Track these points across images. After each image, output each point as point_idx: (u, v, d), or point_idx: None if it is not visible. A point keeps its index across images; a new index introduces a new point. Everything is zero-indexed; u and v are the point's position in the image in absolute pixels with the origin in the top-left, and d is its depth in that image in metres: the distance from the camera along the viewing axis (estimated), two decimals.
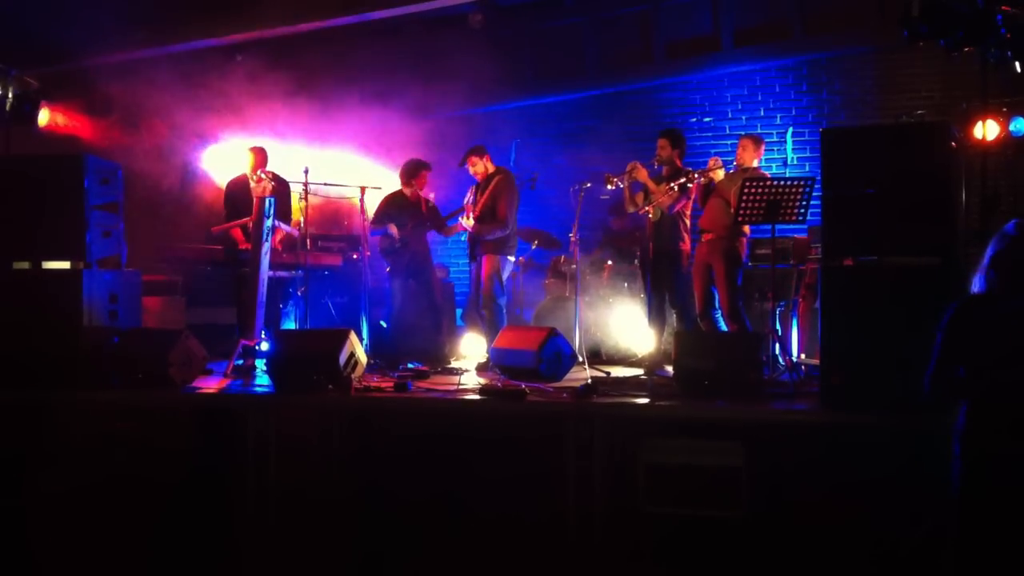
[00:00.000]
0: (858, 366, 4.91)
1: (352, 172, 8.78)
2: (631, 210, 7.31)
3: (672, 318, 7.42)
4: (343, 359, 5.75)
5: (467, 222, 7.53)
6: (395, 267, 7.90)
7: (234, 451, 5.38)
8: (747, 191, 6.31)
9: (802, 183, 6.26)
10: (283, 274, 7.42)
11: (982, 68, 5.34)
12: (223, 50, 9.17)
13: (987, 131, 6.96)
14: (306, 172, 7.13)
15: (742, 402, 5.25)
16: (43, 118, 8.29)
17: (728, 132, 9.16)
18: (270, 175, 6.98)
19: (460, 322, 8.74)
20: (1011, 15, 5.38)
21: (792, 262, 7.39)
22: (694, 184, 7.02)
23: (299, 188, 7.20)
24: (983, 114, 6.89)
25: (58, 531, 5.37)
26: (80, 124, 8.92)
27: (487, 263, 7.42)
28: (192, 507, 5.35)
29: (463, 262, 8.57)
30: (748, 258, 7.16)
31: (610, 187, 7.16)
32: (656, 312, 7.11)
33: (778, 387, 5.86)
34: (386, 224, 7.82)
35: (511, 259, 7.62)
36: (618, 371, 6.92)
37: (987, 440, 3.41)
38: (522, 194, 7.68)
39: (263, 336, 6.75)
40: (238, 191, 7.53)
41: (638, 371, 6.79)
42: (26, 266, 6.13)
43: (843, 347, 4.99)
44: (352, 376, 5.77)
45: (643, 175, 7.12)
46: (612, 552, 4.90)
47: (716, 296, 7.01)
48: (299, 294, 7.49)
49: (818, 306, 5.65)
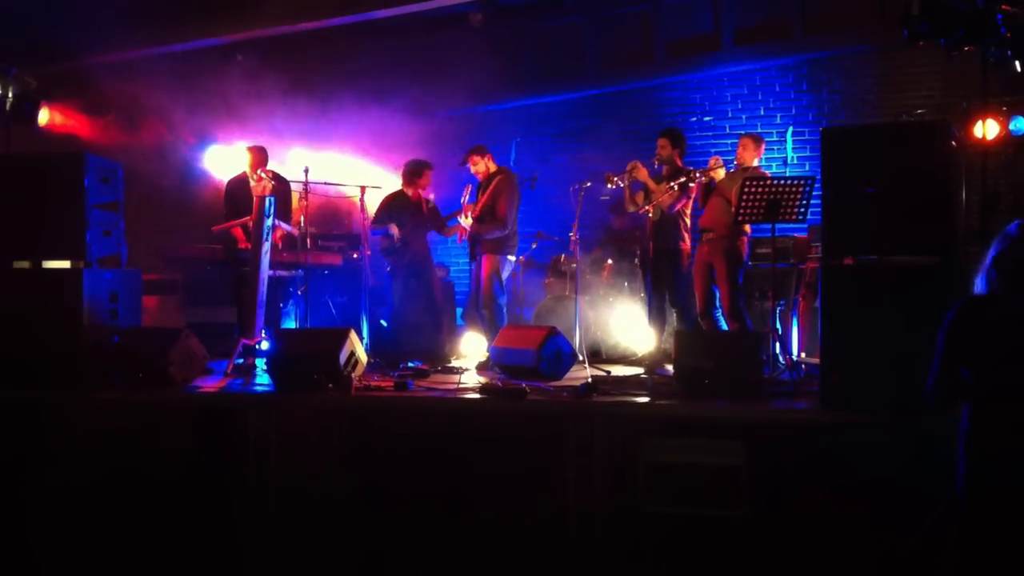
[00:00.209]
0: (858, 365, 4.90)
1: (352, 171, 8.79)
2: (631, 209, 7.31)
3: (672, 317, 7.43)
4: (343, 358, 5.75)
5: (465, 221, 7.52)
6: (396, 266, 7.90)
7: (234, 449, 5.38)
8: (747, 190, 6.31)
9: (802, 182, 6.26)
10: (283, 273, 7.42)
11: (982, 67, 5.34)
12: (223, 49, 9.18)
13: (987, 130, 6.96)
14: (306, 171, 7.13)
15: (742, 401, 5.24)
16: (43, 117, 8.30)
17: (728, 131, 9.16)
18: (270, 174, 6.97)
19: (460, 321, 8.74)
20: (1011, 14, 5.38)
21: (792, 261, 7.41)
22: (695, 184, 7.03)
23: (299, 187, 7.20)
24: (983, 113, 6.89)
25: (59, 529, 5.37)
26: (80, 123, 8.93)
27: (487, 262, 7.42)
28: (192, 505, 5.35)
29: (463, 261, 8.56)
30: (749, 257, 7.17)
31: (610, 186, 7.16)
32: (656, 311, 7.12)
33: (778, 386, 5.86)
34: (387, 224, 7.82)
35: (511, 259, 7.61)
36: (618, 370, 6.92)
37: (988, 440, 3.40)
38: (523, 193, 7.67)
39: (263, 335, 6.76)
40: (238, 190, 7.53)
41: (638, 370, 6.79)
42: (26, 265, 6.14)
43: (843, 346, 4.98)
44: (352, 375, 5.77)
45: (643, 174, 7.12)
46: (612, 551, 4.90)
47: (717, 295, 7.02)
48: (299, 293, 7.49)
49: (818, 305, 5.65)
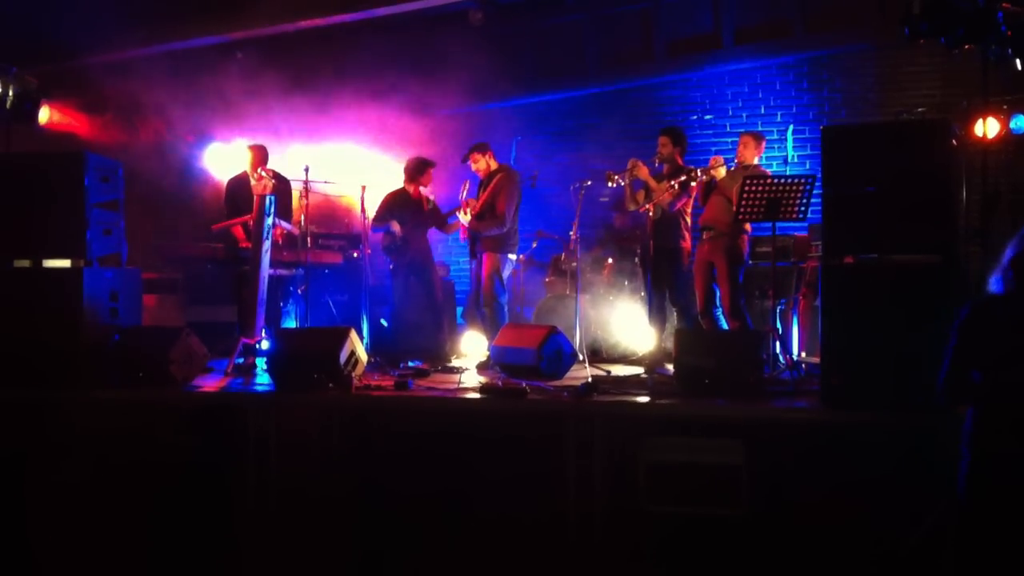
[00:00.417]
0: (858, 364, 4.90)
1: (352, 170, 8.78)
2: (632, 208, 7.31)
3: (673, 316, 7.43)
4: (344, 357, 5.75)
5: (464, 217, 7.52)
6: (397, 265, 7.90)
7: (235, 448, 5.38)
8: (748, 189, 6.31)
9: (802, 181, 6.26)
10: (284, 272, 7.41)
11: (983, 66, 5.32)
12: (223, 48, 9.17)
13: (988, 129, 6.94)
14: (306, 170, 7.12)
15: (742, 400, 5.24)
16: (43, 116, 8.28)
17: (728, 130, 9.15)
18: (271, 173, 6.97)
19: (460, 320, 8.74)
20: (1011, 13, 5.36)
21: (793, 260, 7.41)
22: (696, 183, 7.02)
23: (299, 186, 7.20)
24: (984, 112, 6.87)
25: (59, 527, 5.38)
26: (80, 122, 8.92)
27: (488, 261, 7.41)
28: (193, 503, 5.36)
29: (463, 260, 8.56)
30: (749, 256, 7.17)
31: (611, 185, 7.16)
32: (656, 310, 7.11)
33: (778, 385, 5.86)
34: (388, 221, 7.82)
35: (512, 257, 7.60)
36: (618, 369, 6.92)
37: (990, 440, 3.40)
38: (523, 192, 7.66)
39: (264, 334, 6.75)
40: (239, 189, 7.52)
41: (638, 369, 6.78)
42: (27, 264, 6.13)
43: (843, 345, 4.98)
44: (352, 374, 5.77)
45: (644, 173, 7.12)
46: (612, 551, 4.90)
47: (717, 294, 7.02)
48: (299, 292, 7.48)
49: (818, 304, 5.65)
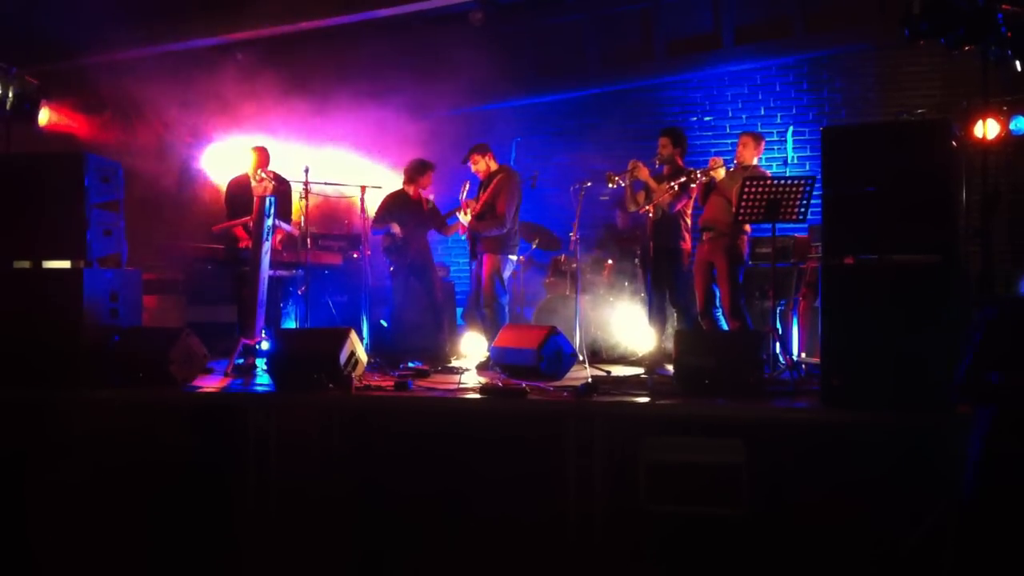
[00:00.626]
0: (858, 364, 4.90)
1: (352, 171, 8.77)
2: (632, 209, 7.31)
3: (673, 317, 7.43)
4: (344, 358, 5.75)
5: (464, 218, 7.52)
6: (398, 266, 7.90)
7: (235, 448, 5.38)
8: (747, 190, 6.31)
9: (802, 182, 6.26)
10: (283, 273, 7.41)
11: (983, 66, 5.32)
12: (223, 49, 9.16)
13: (987, 130, 6.93)
14: (306, 171, 7.12)
15: (742, 400, 5.24)
16: (43, 117, 8.27)
17: (728, 131, 9.15)
18: (271, 175, 6.96)
19: (461, 321, 8.74)
20: (1011, 13, 5.36)
21: (793, 261, 7.40)
22: (695, 184, 7.03)
23: (299, 187, 7.20)
24: (984, 113, 6.87)
25: (60, 526, 5.37)
26: (80, 122, 8.92)
27: (488, 262, 7.40)
28: (193, 503, 5.35)
29: (463, 261, 8.56)
30: (749, 256, 7.17)
31: (611, 186, 7.17)
32: (656, 311, 7.11)
33: (778, 386, 5.86)
34: (388, 223, 7.81)
35: (512, 258, 7.60)
36: (618, 370, 6.91)
37: (1008, 442, 3.37)
38: (523, 193, 7.66)
39: (264, 335, 6.75)
40: (239, 190, 7.52)
41: (638, 370, 6.78)
42: (27, 265, 6.13)
43: (843, 345, 4.98)
44: (353, 375, 5.76)
45: (644, 174, 7.13)
46: (613, 550, 4.90)
47: (718, 294, 7.02)
48: (299, 293, 7.48)
49: (818, 305, 5.65)
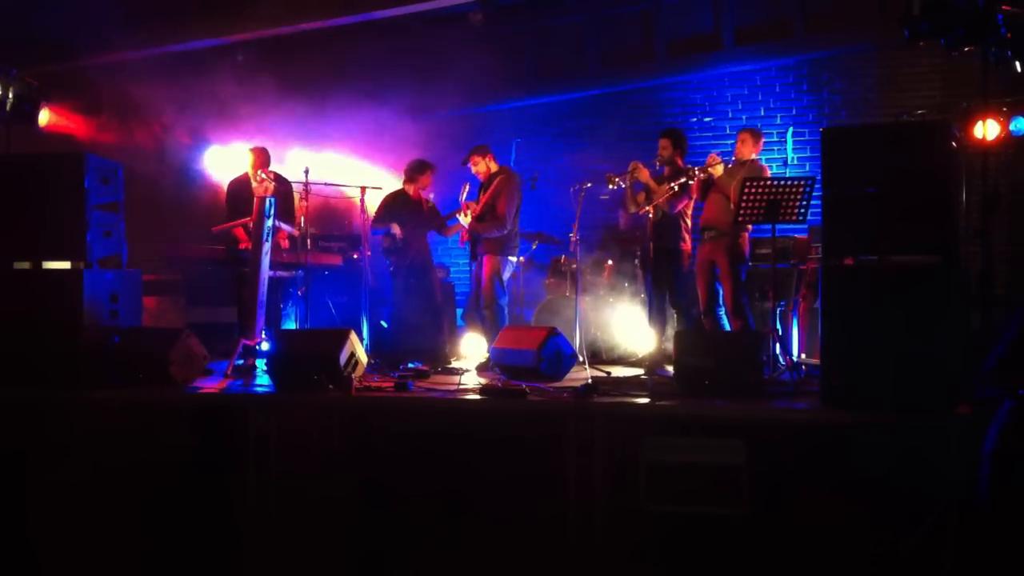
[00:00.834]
0: (858, 365, 4.90)
1: (352, 172, 8.78)
2: (632, 210, 7.31)
3: (673, 318, 7.43)
4: (344, 359, 5.75)
5: (464, 220, 7.52)
6: (397, 266, 7.90)
7: (235, 449, 5.38)
8: (747, 191, 6.31)
9: (802, 183, 6.26)
10: (283, 274, 7.41)
11: (983, 67, 5.32)
12: (223, 50, 9.17)
13: (987, 131, 6.92)
14: (306, 172, 7.13)
15: (742, 401, 5.24)
16: (44, 118, 8.27)
17: (728, 132, 9.14)
18: (271, 175, 6.95)
19: (461, 322, 8.74)
20: (1012, 14, 5.35)
21: (793, 261, 7.40)
22: (694, 181, 7.02)
23: (299, 188, 7.20)
24: (983, 114, 6.86)
25: (60, 526, 5.37)
26: (80, 123, 8.92)
27: (488, 263, 7.40)
28: (193, 503, 5.35)
29: (463, 262, 8.55)
30: (749, 256, 7.16)
31: (612, 187, 7.17)
32: (656, 312, 7.10)
33: (778, 386, 5.86)
34: (388, 223, 7.81)
35: (512, 259, 7.60)
36: (618, 371, 6.91)
37: (1018, 440, 3.36)
38: (523, 194, 7.66)
39: (264, 336, 6.75)
40: (239, 191, 7.53)
41: (638, 371, 6.78)
42: (27, 266, 6.13)
43: (843, 345, 4.98)
44: (352, 376, 5.76)
45: (645, 175, 7.13)
46: (613, 550, 4.89)
47: (720, 293, 7.01)
48: (299, 294, 7.48)
49: (818, 306, 5.65)
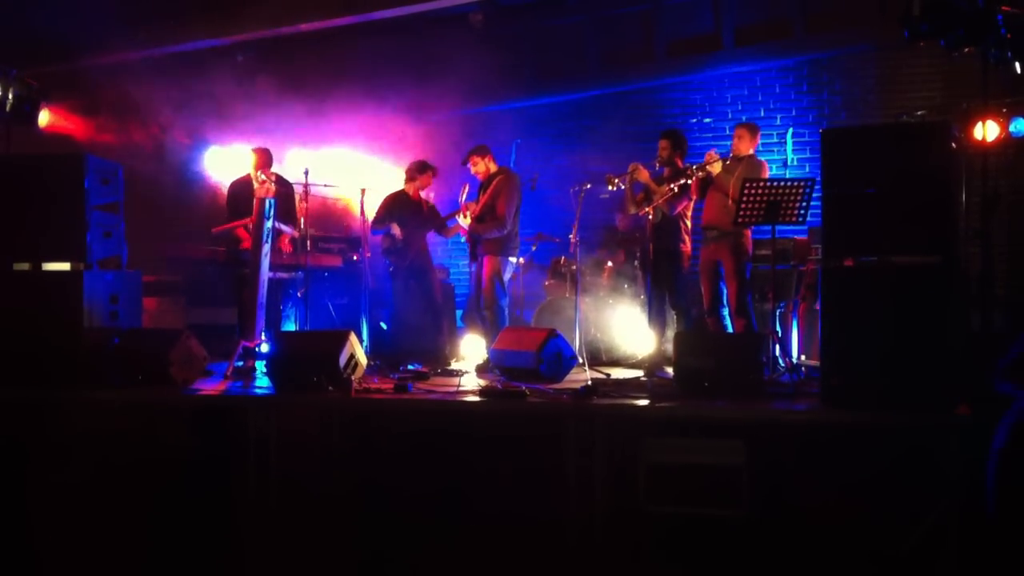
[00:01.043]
0: (858, 365, 4.91)
1: (352, 173, 8.78)
2: (632, 211, 7.30)
3: (673, 319, 7.42)
4: (343, 361, 5.75)
5: (464, 221, 7.51)
6: (397, 267, 7.90)
7: (235, 449, 5.37)
8: (747, 192, 6.31)
9: (802, 184, 6.26)
10: (283, 275, 7.41)
11: (983, 68, 5.32)
12: (224, 51, 9.18)
13: (987, 132, 6.92)
14: (306, 173, 7.13)
15: (742, 402, 5.24)
16: (44, 119, 8.26)
17: (728, 133, 9.10)
18: (273, 177, 6.94)
19: (460, 323, 8.73)
20: (1012, 15, 5.34)
21: (792, 263, 7.40)
22: (693, 180, 7.00)
23: (299, 189, 7.20)
24: (983, 114, 6.86)
25: (61, 526, 5.37)
26: (80, 124, 8.92)
27: (488, 264, 7.40)
28: (193, 503, 5.35)
29: (463, 263, 8.56)
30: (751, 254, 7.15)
31: (612, 188, 7.16)
32: (656, 313, 7.09)
33: (778, 388, 5.86)
34: (388, 224, 7.82)
35: (513, 260, 7.59)
36: (618, 373, 6.91)
37: None
38: (523, 195, 7.65)
39: (264, 337, 6.75)
40: (241, 191, 7.52)
41: (638, 373, 6.78)
42: (27, 267, 6.13)
43: (843, 345, 4.99)
44: (352, 377, 5.76)
45: (645, 176, 7.12)
46: (613, 551, 4.89)
47: (724, 293, 7.00)
48: (299, 295, 7.48)
49: (818, 307, 5.65)
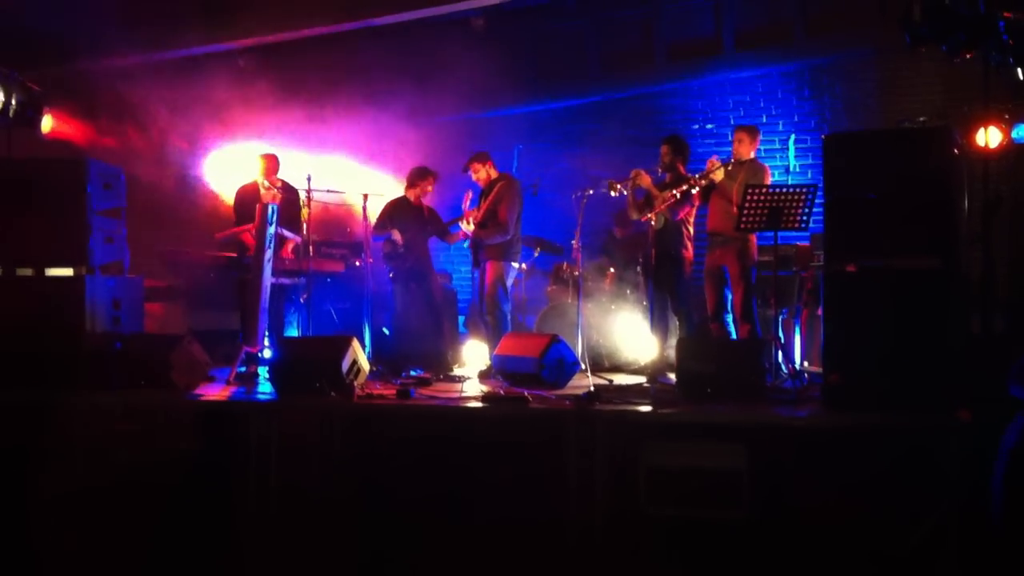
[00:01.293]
0: (860, 368, 4.93)
1: (354, 178, 8.78)
2: (635, 217, 7.29)
3: (675, 325, 7.41)
4: (346, 366, 5.75)
5: (467, 227, 7.51)
6: (398, 272, 7.89)
7: (236, 454, 5.37)
8: (749, 199, 6.31)
9: (804, 190, 6.26)
10: (286, 281, 7.41)
11: (984, 73, 5.32)
12: (226, 55, 9.19)
13: (989, 138, 6.89)
14: (309, 179, 7.13)
15: (744, 407, 5.24)
16: (47, 124, 8.26)
17: (730, 139, 9.14)
18: (279, 183, 6.93)
19: (463, 329, 8.73)
20: (1013, 20, 5.35)
21: (795, 269, 7.39)
22: (696, 190, 7.01)
23: (302, 194, 7.21)
24: (985, 120, 6.84)
25: (62, 529, 5.36)
26: (82, 128, 8.92)
27: (491, 269, 7.39)
28: (194, 506, 5.35)
29: (465, 269, 8.55)
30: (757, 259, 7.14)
31: (614, 194, 7.16)
32: (658, 319, 7.08)
33: (781, 394, 5.85)
34: (389, 229, 7.82)
35: (515, 265, 7.59)
36: (620, 379, 6.90)
37: None
38: (525, 200, 7.65)
39: (266, 343, 6.75)
40: (248, 197, 7.51)
41: (641, 379, 6.77)
42: (29, 272, 6.13)
43: (845, 349, 5.00)
44: (355, 383, 5.76)
45: (647, 182, 7.11)
46: (613, 553, 4.89)
47: (729, 299, 6.99)
48: (302, 301, 7.48)
49: (820, 313, 5.65)
